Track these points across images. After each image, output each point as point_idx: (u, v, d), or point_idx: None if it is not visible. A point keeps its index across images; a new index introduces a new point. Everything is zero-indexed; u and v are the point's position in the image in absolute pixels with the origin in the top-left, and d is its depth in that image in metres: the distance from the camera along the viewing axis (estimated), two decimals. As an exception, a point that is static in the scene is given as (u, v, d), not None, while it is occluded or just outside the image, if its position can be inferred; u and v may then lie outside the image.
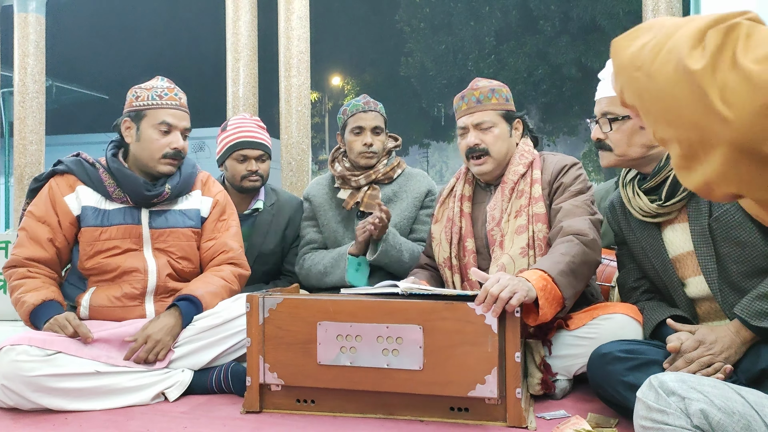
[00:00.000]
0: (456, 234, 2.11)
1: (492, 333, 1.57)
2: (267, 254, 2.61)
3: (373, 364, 1.64)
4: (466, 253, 2.09)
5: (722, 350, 1.51)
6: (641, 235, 1.79)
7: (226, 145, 2.58)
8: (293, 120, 5.84)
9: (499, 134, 2.07)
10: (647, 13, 4.81)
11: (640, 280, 1.88)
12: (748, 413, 1.10)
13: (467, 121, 2.09)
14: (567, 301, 1.73)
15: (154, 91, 2.08)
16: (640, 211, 1.75)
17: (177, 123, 2.08)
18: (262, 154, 2.57)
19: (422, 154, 26.09)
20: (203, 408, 1.84)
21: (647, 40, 0.69)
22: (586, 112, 17.05)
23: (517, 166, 2.07)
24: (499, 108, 2.09)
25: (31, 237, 2.03)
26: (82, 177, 2.08)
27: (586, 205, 1.95)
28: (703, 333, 1.55)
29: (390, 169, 2.53)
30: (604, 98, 1.75)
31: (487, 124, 2.07)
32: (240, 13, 5.92)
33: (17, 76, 7.41)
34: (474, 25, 15.57)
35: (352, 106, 2.50)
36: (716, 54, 0.59)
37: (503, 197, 2.05)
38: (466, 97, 2.11)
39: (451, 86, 16.35)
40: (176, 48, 19.33)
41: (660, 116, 0.66)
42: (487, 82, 2.13)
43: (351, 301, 1.68)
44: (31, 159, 7.21)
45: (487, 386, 1.57)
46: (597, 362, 1.64)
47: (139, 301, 2.05)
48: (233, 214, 2.28)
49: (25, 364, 1.75)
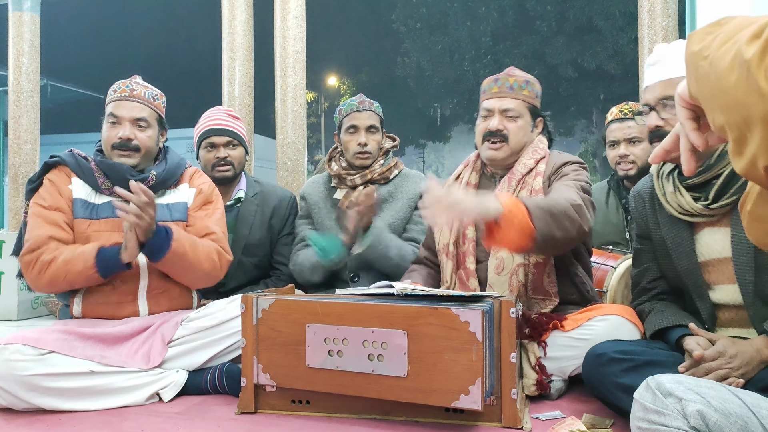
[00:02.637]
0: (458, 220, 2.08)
1: (477, 341, 1.50)
2: (254, 245, 2.60)
3: (359, 369, 1.60)
4: (465, 241, 2.06)
5: (741, 365, 1.45)
6: (670, 232, 1.68)
7: (196, 135, 2.62)
8: (289, 120, 5.83)
9: (522, 125, 2.07)
10: (643, 14, 4.81)
11: (656, 281, 1.78)
12: (745, 414, 1.09)
13: (495, 104, 2.07)
14: (538, 235, 1.62)
15: (115, 86, 2.14)
16: (679, 208, 1.62)
17: (124, 114, 2.09)
18: (231, 140, 2.57)
19: (418, 155, 26.09)
20: (198, 408, 1.83)
21: (718, 33, 0.72)
22: (582, 113, 17.09)
23: (528, 160, 2.06)
24: (528, 101, 2.08)
25: (48, 222, 2.00)
26: (75, 169, 2.10)
27: (578, 186, 1.91)
28: (724, 344, 1.48)
29: (386, 170, 2.52)
30: (659, 83, 1.61)
31: (514, 112, 2.06)
32: (236, 13, 5.91)
33: (12, 75, 7.37)
34: (470, 25, 15.58)
35: (347, 106, 2.51)
36: None
37: (509, 188, 2.03)
38: (500, 80, 2.09)
39: (447, 86, 16.38)
40: (172, 47, 19.30)
41: (715, 101, 0.69)
42: (523, 74, 2.12)
43: (339, 303, 1.65)
44: (26, 158, 7.18)
45: (470, 397, 1.50)
46: (592, 363, 1.63)
47: (131, 298, 2.04)
48: (219, 203, 2.25)
49: (19, 363, 1.74)
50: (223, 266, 2.14)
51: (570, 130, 17.79)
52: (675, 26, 4.79)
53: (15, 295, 4.16)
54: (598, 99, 15.92)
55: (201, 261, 2.03)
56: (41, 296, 4.39)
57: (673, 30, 4.76)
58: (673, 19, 4.76)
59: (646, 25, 4.78)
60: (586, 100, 16.26)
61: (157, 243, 1.93)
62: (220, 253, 2.11)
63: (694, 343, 1.51)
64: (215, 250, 2.10)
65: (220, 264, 2.11)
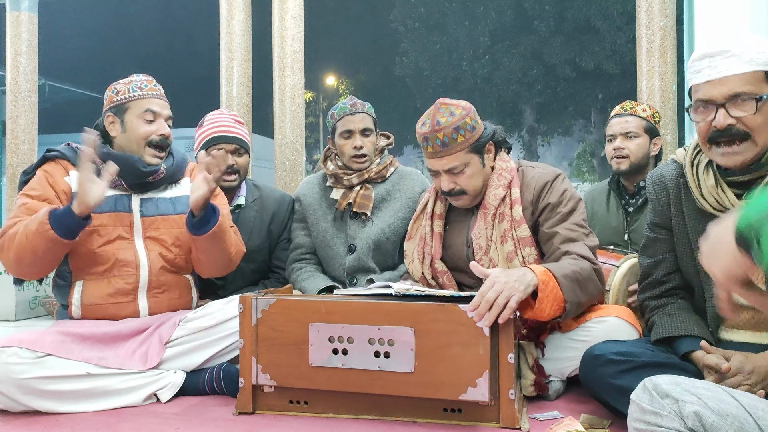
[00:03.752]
0: (429, 254, 2.06)
1: (484, 336, 1.56)
2: (254, 251, 2.57)
3: (365, 366, 1.63)
4: (437, 274, 2.04)
5: (758, 381, 1.43)
6: (697, 226, 1.60)
7: (202, 140, 2.56)
8: (287, 120, 5.83)
9: (472, 173, 1.95)
10: (641, 14, 4.82)
11: (670, 275, 1.71)
12: (741, 416, 1.10)
13: (436, 165, 1.95)
14: (568, 305, 1.69)
15: (134, 84, 2.09)
16: (716, 203, 1.54)
17: (161, 111, 2.09)
18: (238, 148, 2.54)
19: (416, 154, 26.08)
20: (196, 409, 1.83)
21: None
22: (580, 112, 17.11)
23: (496, 189, 1.98)
24: (466, 145, 1.92)
25: (30, 212, 1.93)
26: (75, 161, 2.04)
27: (581, 227, 1.90)
28: (740, 361, 1.45)
29: (383, 168, 2.51)
30: (729, 77, 1.43)
31: (458, 168, 1.93)
32: (234, 13, 5.91)
33: (9, 74, 7.37)
34: (469, 25, 15.60)
35: (340, 110, 2.47)
36: None
37: (486, 224, 1.97)
38: (429, 140, 1.92)
39: (445, 86, 16.37)
40: (170, 47, 19.29)
41: None
42: (449, 117, 1.90)
43: (343, 303, 1.67)
44: (24, 158, 7.17)
45: (478, 389, 1.56)
46: (589, 364, 1.63)
47: (132, 297, 2.02)
48: (224, 199, 2.26)
49: (16, 366, 1.73)
50: (239, 257, 2.20)
51: (568, 130, 17.82)
52: (673, 26, 4.80)
53: (12, 296, 4.16)
54: (596, 99, 15.95)
55: (231, 245, 2.11)
56: (39, 296, 4.39)
57: (671, 30, 4.77)
58: (671, 18, 4.77)
59: (644, 25, 4.79)
60: (584, 100, 16.29)
61: (208, 215, 1.98)
62: (239, 244, 2.19)
63: (715, 359, 1.47)
64: (237, 239, 2.18)
65: (239, 255, 2.19)
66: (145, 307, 2.04)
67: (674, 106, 4.73)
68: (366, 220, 2.43)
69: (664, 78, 4.70)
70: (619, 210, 2.67)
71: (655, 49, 4.73)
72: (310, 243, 2.54)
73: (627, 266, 2.22)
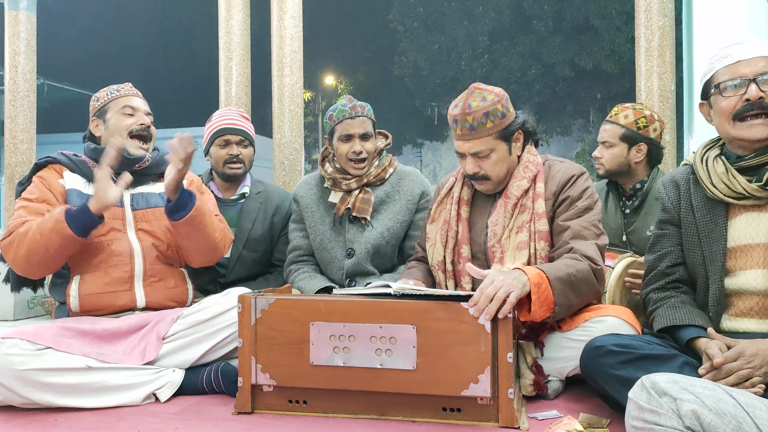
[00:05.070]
0: (452, 238, 2.05)
1: (485, 332, 1.57)
2: (256, 240, 2.66)
3: (367, 364, 1.64)
4: (461, 259, 2.03)
5: (762, 365, 1.44)
6: (704, 216, 1.68)
7: (209, 133, 2.69)
8: (286, 119, 5.82)
9: (497, 159, 1.95)
10: (640, 14, 4.82)
11: (675, 267, 1.76)
12: (739, 414, 1.10)
13: (463, 147, 1.97)
14: (557, 308, 1.71)
15: (112, 89, 2.25)
16: (727, 189, 1.62)
17: (139, 106, 2.23)
18: (243, 140, 2.68)
19: (416, 154, 26.07)
20: (194, 409, 1.83)
21: None
22: (579, 112, 17.11)
23: (521, 181, 1.98)
24: (495, 131, 1.93)
25: (31, 212, 2.03)
26: (67, 164, 2.17)
27: (594, 226, 1.90)
28: (743, 345, 1.47)
29: (381, 170, 2.47)
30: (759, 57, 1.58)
31: (484, 153, 1.94)
32: (232, 12, 5.90)
33: (8, 74, 7.35)
34: (467, 24, 15.59)
35: (339, 112, 2.38)
36: None
37: (506, 213, 1.97)
38: (459, 122, 1.94)
39: (444, 85, 16.37)
40: (169, 47, 19.26)
41: None
42: (481, 102, 1.92)
43: (344, 302, 1.68)
44: (22, 158, 7.16)
45: (480, 385, 1.58)
46: (590, 354, 1.64)
47: (128, 286, 2.07)
48: (211, 195, 2.39)
49: (16, 357, 1.75)
50: (227, 244, 2.25)
51: (567, 130, 17.79)
52: (672, 26, 4.80)
53: (11, 295, 4.15)
54: (595, 98, 15.94)
55: (215, 229, 2.15)
56: (38, 296, 4.38)
57: (670, 29, 4.77)
58: (670, 18, 4.77)
59: (643, 25, 4.78)
60: (583, 100, 16.28)
61: (183, 199, 2.03)
62: (225, 230, 2.24)
63: (716, 348, 1.49)
64: (223, 226, 2.23)
65: (225, 241, 2.23)
66: (141, 296, 2.08)
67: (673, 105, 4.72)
68: (365, 224, 2.41)
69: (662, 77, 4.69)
70: (617, 211, 2.67)
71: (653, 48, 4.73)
72: (307, 245, 2.53)
73: (622, 266, 2.23)
